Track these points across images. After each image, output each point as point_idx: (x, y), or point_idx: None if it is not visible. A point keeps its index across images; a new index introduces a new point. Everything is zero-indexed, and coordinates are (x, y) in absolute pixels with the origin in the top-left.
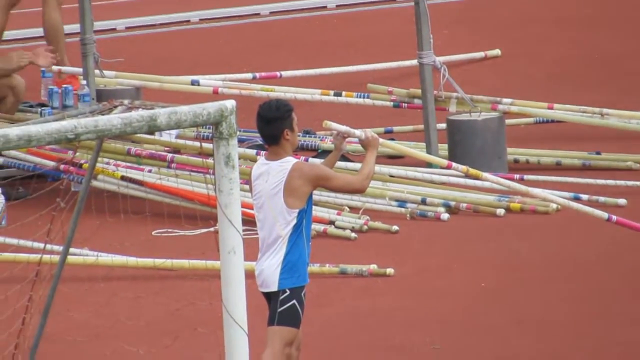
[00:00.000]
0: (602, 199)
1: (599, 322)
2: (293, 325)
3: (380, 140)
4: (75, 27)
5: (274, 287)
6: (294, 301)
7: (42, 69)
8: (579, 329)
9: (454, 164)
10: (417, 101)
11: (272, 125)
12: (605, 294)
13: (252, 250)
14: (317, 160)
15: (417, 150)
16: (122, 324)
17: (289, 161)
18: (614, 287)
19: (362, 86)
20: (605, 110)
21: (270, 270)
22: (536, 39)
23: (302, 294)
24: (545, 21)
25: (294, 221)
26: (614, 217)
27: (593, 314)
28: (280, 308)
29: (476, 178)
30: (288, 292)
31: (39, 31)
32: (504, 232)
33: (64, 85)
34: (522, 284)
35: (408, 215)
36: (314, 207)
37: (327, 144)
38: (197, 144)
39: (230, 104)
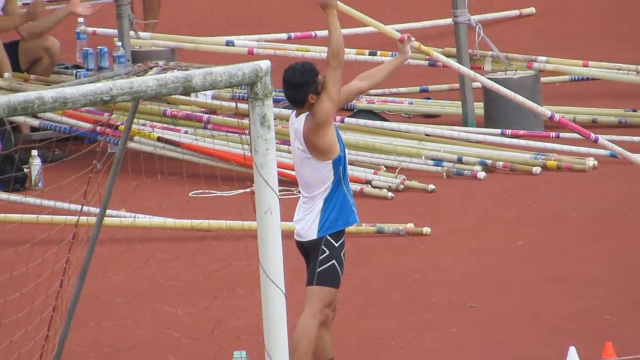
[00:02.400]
0: (638, 156)
1: (635, 278)
2: (333, 285)
3: (339, 2)
4: None
5: (312, 236)
6: (334, 261)
7: (77, 31)
8: (615, 285)
9: (405, 37)
10: (453, 60)
11: (297, 90)
12: None
13: (288, 210)
14: (352, 120)
15: (371, 19)
16: (160, 285)
17: (301, 119)
18: None
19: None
20: None
21: (309, 222)
22: None
23: (342, 254)
24: None
25: (331, 173)
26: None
27: (629, 271)
28: (319, 268)
29: (427, 54)
30: (328, 251)
31: None
32: (540, 190)
33: (99, 47)
34: (558, 242)
35: (444, 174)
36: (350, 166)
37: (363, 103)
38: (233, 104)
39: (265, 64)
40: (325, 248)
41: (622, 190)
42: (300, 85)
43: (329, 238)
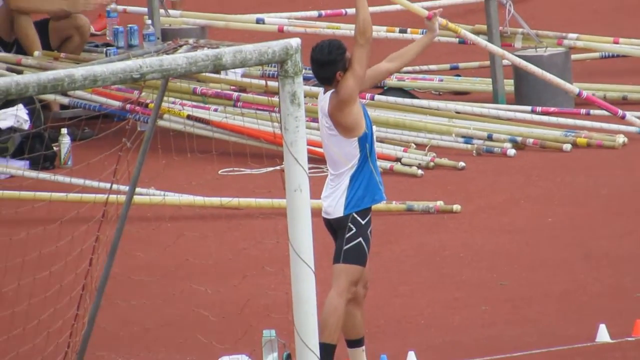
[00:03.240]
0: None
1: None
2: (359, 263)
3: None
4: None
5: (339, 213)
6: (360, 239)
7: (108, 9)
8: None
9: (432, 13)
10: (482, 37)
11: (325, 68)
12: None
13: (318, 188)
14: (383, 97)
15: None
16: (190, 264)
17: (327, 96)
18: None
19: None
20: None
21: (336, 199)
22: None
23: (369, 232)
24: None
25: (357, 150)
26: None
27: None
28: (346, 246)
29: (455, 32)
30: (354, 229)
31: None
32: (571, 167)
33: (129, 25)
34: (588, 219)
35: (474, 151)
36: (380, 144)
37: (393, 81)
38: (263, 82)
39: (295, 42)
40: (352, 225)
41: None
42: (327, 63)
43: (355, 215)
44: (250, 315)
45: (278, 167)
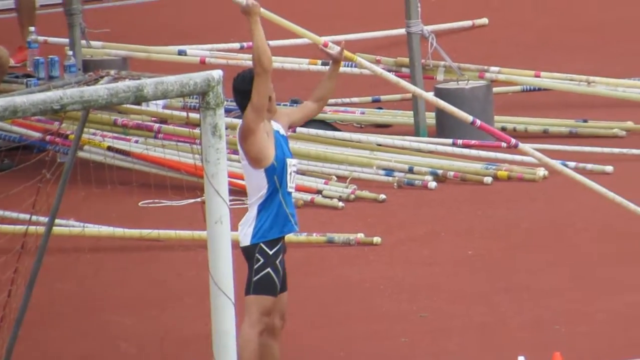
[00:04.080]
0: (589, 166)
1: (584, 288)
2: (269, 293)
3: (262, 9)
4: None
5: (246, 242)
6: (269, 269)
7: (29, 40)
8: (565, 295)
9: (329, 43)
10: (405, 70)
11: (246, 97)
12: (590, 260)
13: (239, 219)
14: (304, 130)
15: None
16: (109, 295)
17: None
18: (600, 253)
19: None
20: (591, 78)
21: (245, 228)
22: (523, 6)
23: (278, 262)
24: None
25: (264, 182)
26: (478, 122)
27: (579, 280)
28: (255, 277)
29: (351, 60)
30: (262, 260)
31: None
32: (491, 200)
33: (50, 56)
34: (509, 252)
35: (395, 184)
36: (301, 176)
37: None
38: (184, 114)
39: (217, 73)
40: (259, 256)
41: (571, 200)
42: (247, 92)
43: (263, 246)
44: (170, 347)
45: (199, 199)
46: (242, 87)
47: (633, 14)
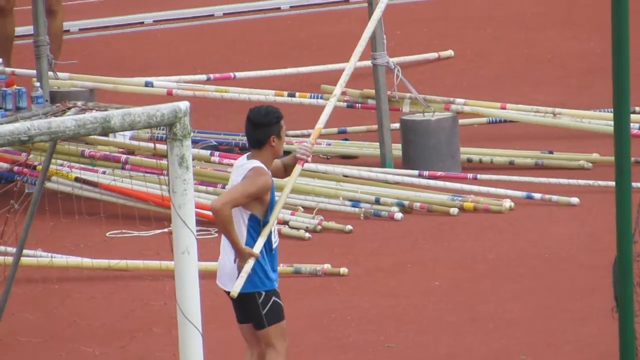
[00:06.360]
0: (555, 197)
1: (550, 319)
2: (281, 318)
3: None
4: (28, 29)
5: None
6: (274, 298)
7: None
8: (531, 326)
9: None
10: (370, 101)
11: (260, 130)
12: (556, 292)
13: (206, 250)
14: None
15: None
16: (77, 325)
17: (252, 163)
18: (566, 284)
19: (316, 87)
20: (557, 110)
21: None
22: (488, 39)
23: (276, 289)
24: (498, 21)
25: (247, 223)
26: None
27: (545, 311)
28: (264, 310)
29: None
30: (264, 294)
31: None
32: (458, 231)
33: (17, 87)
34: (475, 283)
35: (362, 215)
36: None
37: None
38: (151, 145)
39: (184, 105)
40: (262, 291)
41: (537, 231)
42: (263, 125)
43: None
44: None
45: (166, 230)
46: (257, 120)
47: (596, 46)
